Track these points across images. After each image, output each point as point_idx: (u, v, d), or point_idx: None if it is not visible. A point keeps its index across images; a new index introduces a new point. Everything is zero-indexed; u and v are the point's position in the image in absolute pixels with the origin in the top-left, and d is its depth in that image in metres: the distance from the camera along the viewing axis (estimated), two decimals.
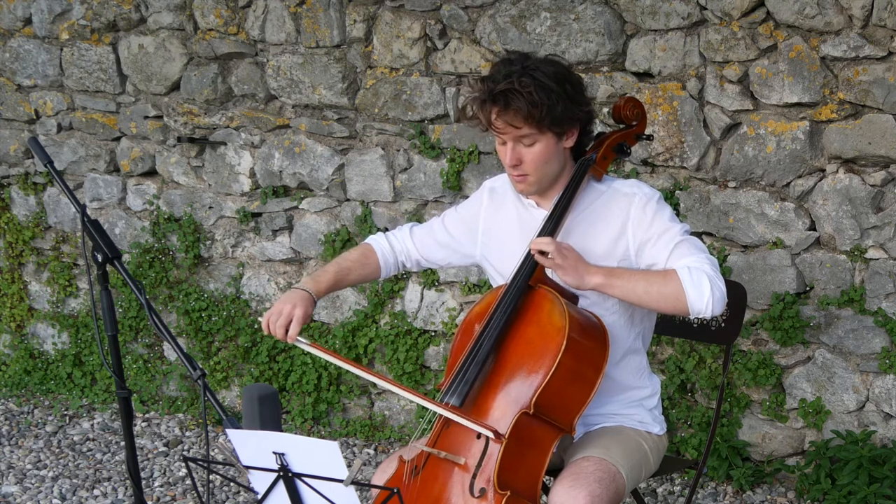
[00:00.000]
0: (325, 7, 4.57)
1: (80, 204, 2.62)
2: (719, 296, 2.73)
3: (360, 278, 3.13)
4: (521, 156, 2.80)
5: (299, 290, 2.95)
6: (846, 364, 4.06)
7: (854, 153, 3.87)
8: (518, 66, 2.76)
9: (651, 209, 2.83)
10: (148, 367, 5.35)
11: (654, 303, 2.77)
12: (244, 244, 5.05)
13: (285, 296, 2.93)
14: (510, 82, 2.72)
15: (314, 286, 2.98)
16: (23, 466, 4.75)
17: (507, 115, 2.74)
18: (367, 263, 3.13)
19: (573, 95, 2.79)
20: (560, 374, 2.69)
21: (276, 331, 2.87)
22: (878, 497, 3.87)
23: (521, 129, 2.75)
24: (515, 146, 2.79)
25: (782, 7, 3.84)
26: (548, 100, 2.72)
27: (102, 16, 5.03)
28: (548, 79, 2.73)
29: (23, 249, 5.57)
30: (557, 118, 2.75)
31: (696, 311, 2.73)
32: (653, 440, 2.99)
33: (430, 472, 2.76)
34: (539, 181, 2.85)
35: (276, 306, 2.90)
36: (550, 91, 2.72)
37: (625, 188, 2.89)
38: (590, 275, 2.75)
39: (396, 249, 3.17)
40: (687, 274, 2.73)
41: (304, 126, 4.77)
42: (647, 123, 3.14)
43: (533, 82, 2.71)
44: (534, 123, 2.74)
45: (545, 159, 2.81)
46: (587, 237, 2.87)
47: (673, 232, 2.81)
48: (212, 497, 4.37)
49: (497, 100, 2.73)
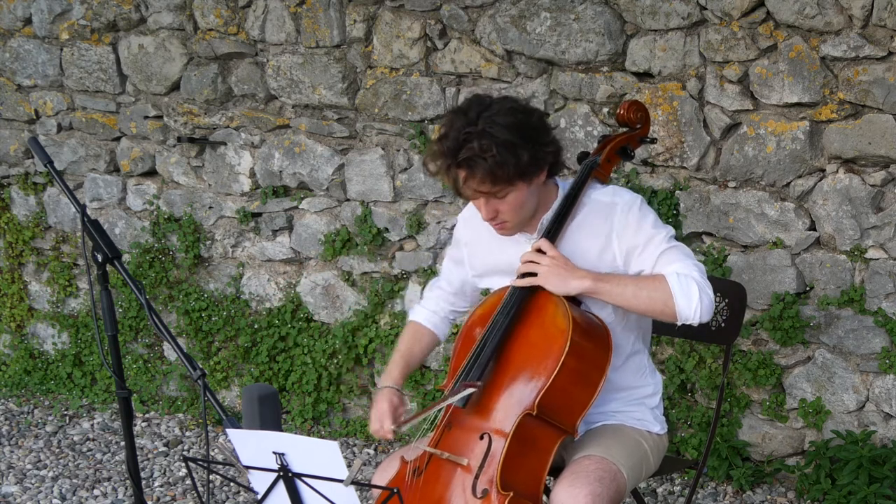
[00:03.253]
0: (325, 7, 4.57)
1: (80, 204, 2.62)
2: (707, 303, 2.72)
3: (425, 350, 3.23)
4: (497, 207, 2.77)
5: (380, 388, 3.08)
6: (846, 364, 4.06)
7: (854, 153, 3.87)
8: (474, 124, 2.67)
9: (634, 216, 2.80)
10: (148, 367, 5.35)
11: (642, 307, 2.76)
12: (244, 244, 5.05)
13: (373, 401, 3.07)
14: (471, 148, 2.66)
15: (391, 379, 3.10)
16: (23, 466, 4.75)
17: (474, 182, 2.70)
18: (421, 337, 3.21)
19: (537, 139, 2.73)
20: (563, 375, 2.70)
21: (381, 434, 3.01)
22: (878, 497, 3.87)
23: (490, 190, 2.72)
24: (489, 201, 2.76)
25: (782, 7, 3.84)
26: (512, 157, 2.66)
27: (102, 16, 5.03)
28: (507, 132, 2.66)
29: (23, 249, 5.57)
30: (524, 169, 2.71)
31: (684, 317, 2.73)
32: (653, 440, 2.99)
33: (432, 473, 2.76)
34: (520, 223, 2.84)
35: (371, 415, 3.04)
36: (513, 146, 2.66)
37: (604, 198, 2.86)
38: (577, 279, 2.75)
39: (435, 310, 3.23)
40: (676, 280, 2.72)
41: (304, 126, 4.77)
42: (650, 126, 3.14)
43: (493, 142, 2.65)
44: (502, 183, 2.70)
45: (520, 204, 2.78)
46: (575, 252, 2.85)
47: (659, 238, 2.79)
48: (212, 497, 4.37)
49: (461, 166, 2.69)
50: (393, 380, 3.08)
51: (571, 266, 2.77)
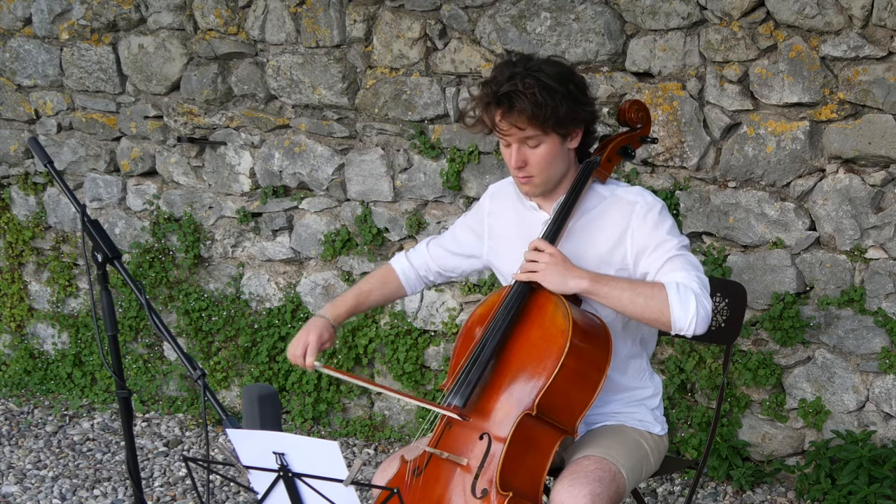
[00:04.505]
0: (325, 7, 4.57)
1: (80, 204, 2.62)
2: (704, 315, 2.71)
3: (382, 298, 3.21)
4: (527, 157, 2.79)
5: (317, 317, 3.03)
6: (846, 364, 4.06)
7: (854, 153, 3.87)
8: (521, 68, 2.75)
9: (652, 219, 2.81)
10: (148, 367, 5.35)
11: (637, 313, 2.75)
12: (244, 244, 5.05)
13: (305, 325, 3.01)
14: (514, 84, 2.71)
15: (332, 312, 3.06)
16: (23, 466, 4.75)
17: (512, 117, 2.73)
18: (388, 283, 3.20)
19: (577, 96, 2.78)
20: (563, 375, 2.69)
21: (296, 361, 2.96)
22: (878, 497, 3.87)
23: (526, 131, 2.75)
24: (520, 148, 2.78)
25: (782, 7, 3.84)
26: (552, 100, 2.71)
27: (102, 16, 5.03)
28: (551, 79, 2.73)
29: (23, 249, 5.57)
30: (562, 119, 2.75)
31: (679, 327, 2.72)
32: (653, 440, 2.99)
33: (431, 473, 2.76)
34: (545, 182, 2.85)
35: (295, 336, 2.99)
36: (554, 92, 2.72)
37: (628, 195, 2.87)
38: (574, 278, 2.75)
39: (416, 265, 3.21)
40: (674, 289, 2.71)
41: (304, 126, 4.77)
42: (651, 126, 3.14)
43: (536, 83, 2.71)
44: (538, 125, 2.73)
45: (550, 160, 2.80)
46: (587, 242, 2.86)
47: (670, 245, 2.79)
48: (212, 497, 4.37)
49: (501, 102, 2.73)
50: (334, 314, 3.06)
51: (570, 265, 2.77)
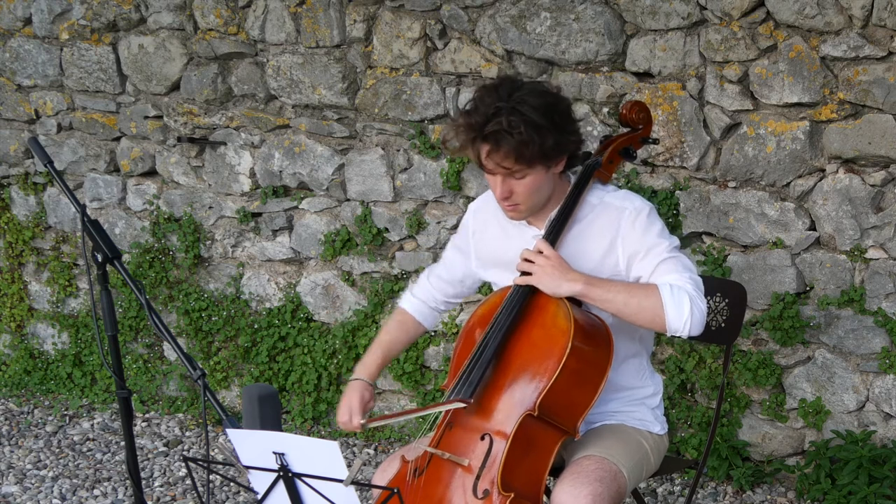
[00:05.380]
0: (325, 7, 4.57)
1: (80, 204, 2.62)
2: (699, 317, 2.71)
3: (406, 341, 3.25)
4: (512, 188, 2.78)
5: (353, 380, 3.09)
6: (846, 364, 4.06)
7: (854, 153, 3.87)
8: (504, 101, 2.70)
9: (641, 223, 2.81)
10: (148, 367, 5.35)
11: (632, 315, 2.75)
12: (244, 244, 5.05)
13: (344, 391, 3.09)
14: (499, 122, 2.68)
15: (365, 371, 3.11)
16: (23, 466, 4.75)
17: (498, 156, 2.72)
18: (406, 326, 3.24)
19: (562, 125, 2.75)
20: (565, 376, 2.70)
21: (346, 427, 3.04)
22: (878, 497, 3.87)
23: (511, 166, 2.73)
24: (506, 180, 2.77)
25: (782, 7, 3.84)
26: (538, 137, 2.68)
27: (102, 16, 5.03)
28: (536, 113, 2.69)
29: (23, 249, 5.57)
30: (547, 153, 2.73)
31: (674, 329, 2.72)
32: (653, 440, 2.99)
33: (432, 473, 2.76)
34: (531, 208, 2.85)
35: (339, 404, 3.06)
36: (540, 128, 2.69)
37: (616, 201, 2.87)
38: (568, 282, 2.75)
39: (424, 299, 3.25)
40: (668, 291, 2.71)
41: (304, 126, 4.77)
42: (652, 127, 3.14)
43: (521, 120, 2.67)
44: (524, 162, 2.72)
45: (536, 189, 2.79)
46: (578, 252, 2.86)
47: (661, 248, 2.78)
48: (212, 497, 4.37)
49: (487, 139, 2.71)
50: (368, 373, 3.10)
51: (566, 268, 2.77)
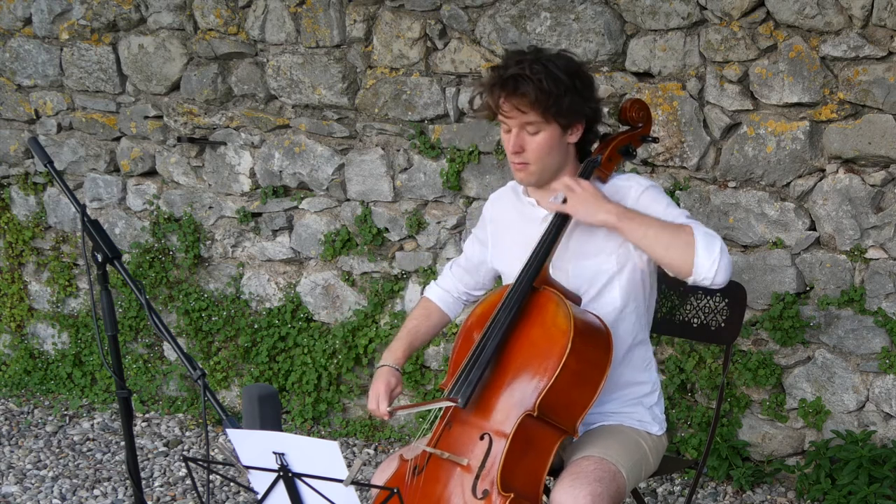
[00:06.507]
0: (325, 7, 4.57)
1: (80, 204, 2.62)
2: (726, 264, 2.69)
3: (430, 329, 3.24)
4: (525, 143, 2.81)
5: (380, 367, 3.09)
6: (846, 364, 4.06)
7: (854, 153, 3.87)
8: (530, 55, 2.79)
9: (648, 197, 2.83)
10: (148, 367, 5.35)
11: (661, 251, 2.72)
12: (244, 244, 5.05)
13: (373, 378, 3.07)
14: (521, 67, 2.75)
15: (391, 357, 3.11)
16: (23, 466, 4.75)
17: (515, 99, 2.76)
18: (430, 314, 3.25)
19: (582, 90, 2.81)
20: (564, 376, 2.69)
21: (375, 413, 3.01)
22: (878, 497, 3.87)
23: (527, 116, 2.77)
24: (520, 133, 2.81)
25: (782, 7, 3.84)
26: (556, 89, 2.74)
27: (102, 16, 5.03)
28: (558, 70, 2.76)
29: (23, 249, 5.57)
30: (564, 109, 2.77)
31: (701, 272, 2.68)
32: (652, 440, 2.99)
33: (431, 473, 2.76)
34: (540, 172, 2.86)
35: (370, 391, 3.05)
36: (560, 81, 2.75)
37: (620, 182, 2.91)
38: (603, 212, 2.75)
39: (448, 288, 3.26)
40: (702, 234, 2.70)
41: (304, 126, 4.77)
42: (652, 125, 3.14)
43: (543, 70, 2.75)
44: (540, 111, 2.75)
45: (548, 149, 2.82)
46: (586, 235, 2.87)
47: (675, 213, 2.80)
48: (212, 497, 4.37)
49: (506, 84, 2.76)
50: (395, 358, 3.10)
51: (602, 198, 2.77)
